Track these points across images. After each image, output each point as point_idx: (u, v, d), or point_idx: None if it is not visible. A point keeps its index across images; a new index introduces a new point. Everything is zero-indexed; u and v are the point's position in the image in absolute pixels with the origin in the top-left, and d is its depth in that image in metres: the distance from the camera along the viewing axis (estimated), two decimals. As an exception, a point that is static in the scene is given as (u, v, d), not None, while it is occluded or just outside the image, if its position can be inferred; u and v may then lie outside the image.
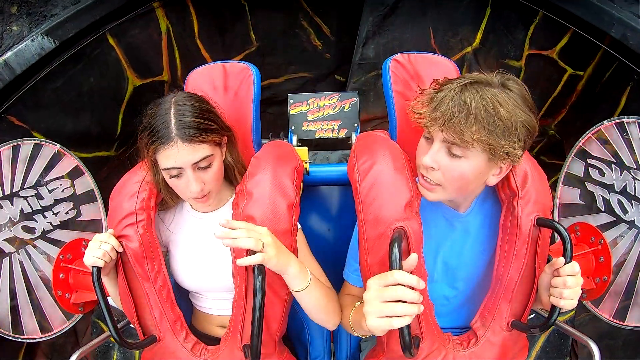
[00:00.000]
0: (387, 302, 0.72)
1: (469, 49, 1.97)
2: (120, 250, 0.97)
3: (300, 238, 1.04)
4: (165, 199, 1.09)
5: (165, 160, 0.93)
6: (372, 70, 2.06)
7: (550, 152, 2.07)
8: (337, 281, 1.10)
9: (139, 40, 1.74)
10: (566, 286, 0.83)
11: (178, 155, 0.92)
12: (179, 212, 1.15)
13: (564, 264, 0.85)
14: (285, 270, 0.88)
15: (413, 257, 0.79)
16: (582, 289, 1.23)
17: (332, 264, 1.11)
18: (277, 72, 2.19)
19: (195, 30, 1.97)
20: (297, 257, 0.98)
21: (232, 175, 1.09)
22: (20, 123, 1.46)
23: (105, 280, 0.99)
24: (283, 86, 2.22)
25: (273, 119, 2.32)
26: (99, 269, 0.92)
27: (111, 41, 1.64)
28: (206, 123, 0.95)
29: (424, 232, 0.92)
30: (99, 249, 0.92)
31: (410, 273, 0.86)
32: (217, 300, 1.12)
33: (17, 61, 1.36)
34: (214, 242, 1.07)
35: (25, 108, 1.46)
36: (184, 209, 1.15)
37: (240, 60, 2.08)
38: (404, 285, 0.73)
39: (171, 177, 0.96)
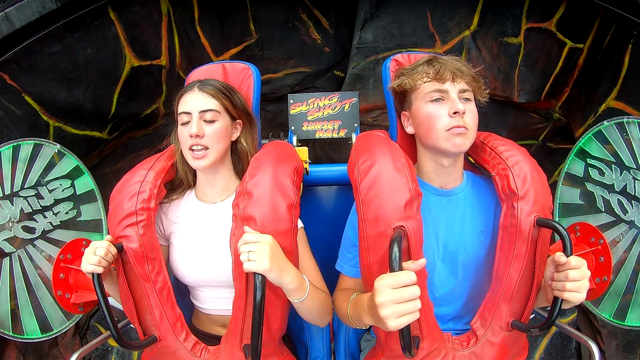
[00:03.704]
0: (401, 303, 0.74)
1: (467, 32, 1.94)
2: (115, 252, 0.97)
3: (301, 237, 1.05)
4: (178, 178, 1.16)
5: (181, 105, 1.08)
6: (371, 55, 2.02)
7: (557, 136, 2.04)
8: (336, 280, 1.11)
9: (139, 18, 1.71)
10: (568, 279, 0.84)
11: (192, 100, 1.07)
12: (184, 202, 1.17)
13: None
14: (278, 284, 0.91)
15: (422, 262, 0.81)
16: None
17: (332, 263, 1.12)
18: (276, 67, 2.16)
19: (196, 15, 1.94)
20: (298, 256, 0.99)
21: (246, 161, 1.13)
22: (12, 82, 1.46)
23: (104, 281, 0.99)
24: (282, 81, 2.19)
25: (272, 117, 2.28)
26: (98, 274, 0.93)
27: (112, 15, 1.62)
28: (225, 91, 1.10)
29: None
30: (93, 256, 0.93)
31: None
32: (217, 298, 1.12)
33: (18, 16, 1.37)
34: (217, 232, 1.09)
35: (19, 68, 1.46)
36: (190, 199, 1.16)
37: (240, 51, 2.03)
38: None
39: (182, 124, 1.08)
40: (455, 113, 0.96)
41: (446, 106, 0.98)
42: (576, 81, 1.85)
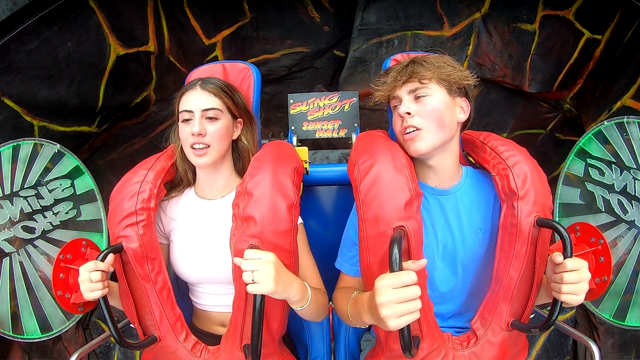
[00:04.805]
0: (402, 302, 0.74)
1: (478, 14, 1.86)
2: (111, 270, 0.97)
3: (300, 233, 1.05)
4: (179, 176, 1.16)
5: (183, 104, 1.08)
6: (374, 37, 1.92)
7: (566, 127, 1.98)
8: (335, 278, 1.11)
9: (122, 5, 1.64)
10: (563, 282, 0.84)
11: (194, 98, 1.07)
12: (183, 199, 1.17)
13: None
14: (283, 297, 0.92)
15: (422, 262, 0.82)
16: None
17: (332, 263, 1.12)
18: (272, 47, 2.06)
19: None
20: (297, 256, 0.99)
21: (247, 159, 1.14)
22: None
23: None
24: (279, 62, 2.10)
25: (269, 98, 2.20)
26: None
27: (92, 3, 1.53)
28: (226, 89, 1.11)
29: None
30: (93, 283, 0.92)
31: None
32: (217, 295, 1.12)
33: None
34: (217, 228, 1.09)
35: None
36: (189, 196, 1.17)
37: (233, 32, 1.94)
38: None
39: (183, 121, 1.08)
40: (401, 117, 0.99)
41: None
42: (591, 73, 1.79)
